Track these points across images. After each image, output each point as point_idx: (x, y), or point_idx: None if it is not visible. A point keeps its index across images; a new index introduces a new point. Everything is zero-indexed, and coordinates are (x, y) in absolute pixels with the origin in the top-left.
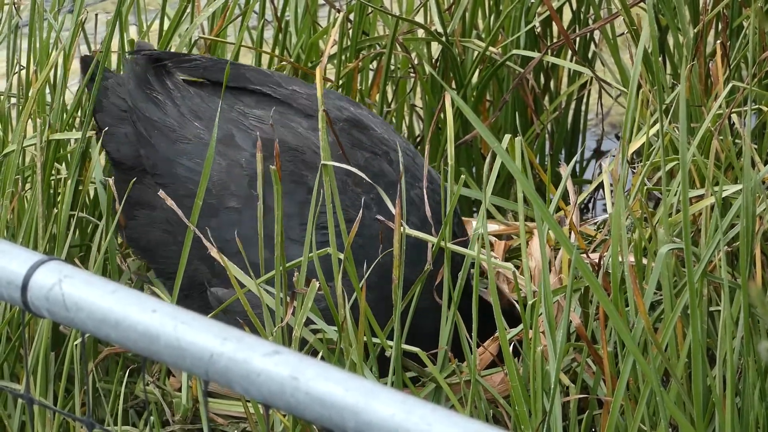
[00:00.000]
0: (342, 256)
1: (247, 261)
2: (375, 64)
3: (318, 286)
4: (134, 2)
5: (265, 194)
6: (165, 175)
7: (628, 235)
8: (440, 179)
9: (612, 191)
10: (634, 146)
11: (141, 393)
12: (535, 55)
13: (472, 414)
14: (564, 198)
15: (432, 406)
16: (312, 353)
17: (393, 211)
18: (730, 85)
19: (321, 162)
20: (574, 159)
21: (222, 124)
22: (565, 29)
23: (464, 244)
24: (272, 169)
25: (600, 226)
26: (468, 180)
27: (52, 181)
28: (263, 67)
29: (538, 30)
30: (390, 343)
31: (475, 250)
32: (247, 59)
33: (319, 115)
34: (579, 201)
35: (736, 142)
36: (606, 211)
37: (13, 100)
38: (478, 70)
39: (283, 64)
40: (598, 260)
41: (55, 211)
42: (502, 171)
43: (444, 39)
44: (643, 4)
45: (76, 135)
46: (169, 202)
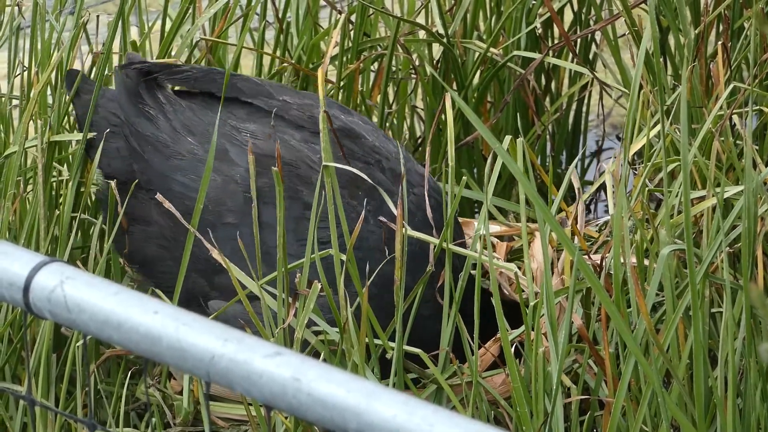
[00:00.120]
0: (341, 270)
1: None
2: (376, 65)
3: (320, 288)
4: (136, 3)
5: (260, 210)
6: (160, 192)
7: (630, 237)
8: (440, 188)
9: (613, 192)
10: (635, 147)
11: (142, 395)
12: (536, 56)
13: (474, 415)
14: (565, 199)
15: (434, 407)
16: (313, 355)
17: (394, 213)
18: (731, 86)
19: (319, 170)
20: (576, 160)
21: (215, 139)
22: (566, 30)
23: (461, 246)
24: (274, 170)
25: (602, 228)
26: (469, 181)
27: (54, 183)
28: (264, 68)
29: (539, 31)
30: (391, 344)
31: (477, 252)
32: (248, 60)
33: (320, 116)
34: (581, 202)
35: (737, 143)
36: (607, 212)
37: (15, 101)
38: (479, 72)
39: (284, 65)
40: (600, 261)
41: (57, 212)
42: (504, 172)
43: (445, 40)
44: (644, 5)
45: (78, 136)
46: (167, 205)
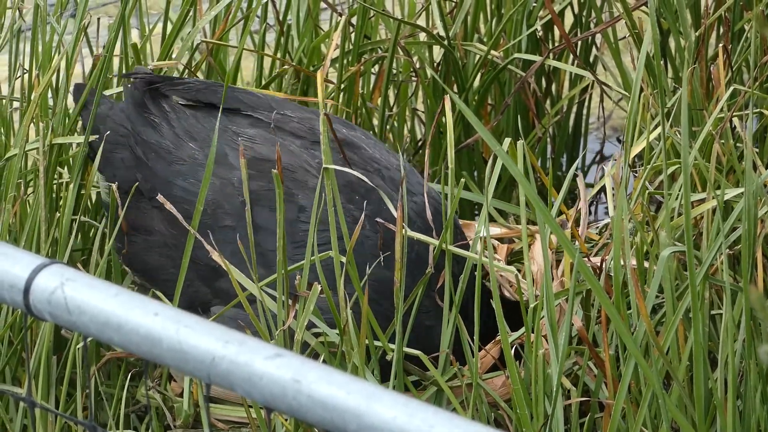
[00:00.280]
0: (341, 272)
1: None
2: (377, 67)
3: (320, 290)
4: (136, 6)
5: (255, 213)
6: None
7: (630, 239)
8: (440, 196)
9: (614, 195)
10: (636, 150)
11: (143, 397)
12: (537, 58)
13: (474, 417)
14: (565, 202)
15: (434, 409)
16: (313, 357)
17: (393, 216)
18: (732, 89)
19: (316, 174)
20: (576, 163)
21: (215, 142)
22: (566, 33)
23: (463, 249)
24: (274, 172)
25: (602, 230)
26: (469, 183)
27: (55, 185)
28: (265, 70)
29: (540, 34)
30: (392, 346)
31: (478, 254)
32: (249, 63)
33: (321, 118)
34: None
35: (737, 146)
36: (608, 214)
37: (16, 104)
38: (479, 74)
39: (285, 68)
40: (600, 263)
41: (58, 215)
42: (504, 174)
43: (446, 42)
44: (645, 8)
45: (79, 139)
46: (168, 206)
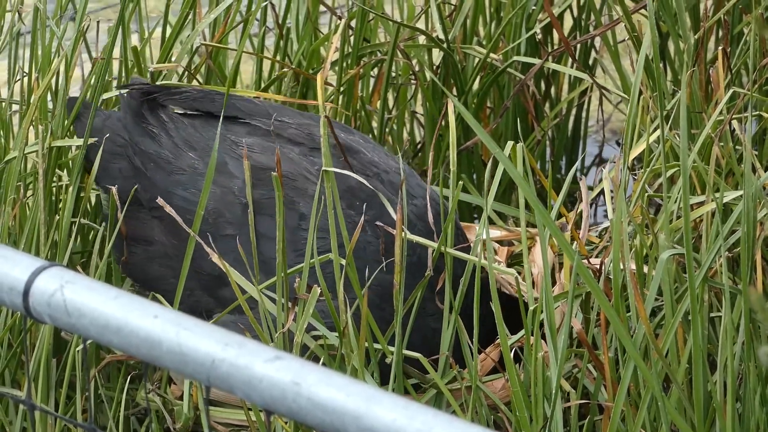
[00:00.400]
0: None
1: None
2: (376, 70)
3: (319, 292)
4: (136, 9)
5: (257, 221)
6: (161, 207)
7: (629, 241)
8: (439, 198)
9: (613, 198)
10: (635, 152)
11: (142, 400)
12: (536, 61)
13: (473, 420)
14: (565, 205)
15: (434, 412)
16: (313, 360)
17: (393, 219)
18: (731, 92)
19: (316, 181)
20: (575, 165)
21: (216, 152)
22: (565, 36)
23: (465, 251)
24: (273, 175)
25: (601, 233)
26: (469, 186)
27: (54, 188)
28: (264, 73)
29: (539, 37)
30: (391, 349)
31: (478, 256)
32: (248, 66)
33: (321, 121)
34: (581, 207)
35: (736, 149)
36: (607, 217)
37: (15, 107)
38: (479, 77)
39: (285, 70)
40: (599, 266)
41: (57, 217)
42: (503, 177)
43: (445, 45)
44: (644, 11)
45: (78, 142)
46: (168, 209)
